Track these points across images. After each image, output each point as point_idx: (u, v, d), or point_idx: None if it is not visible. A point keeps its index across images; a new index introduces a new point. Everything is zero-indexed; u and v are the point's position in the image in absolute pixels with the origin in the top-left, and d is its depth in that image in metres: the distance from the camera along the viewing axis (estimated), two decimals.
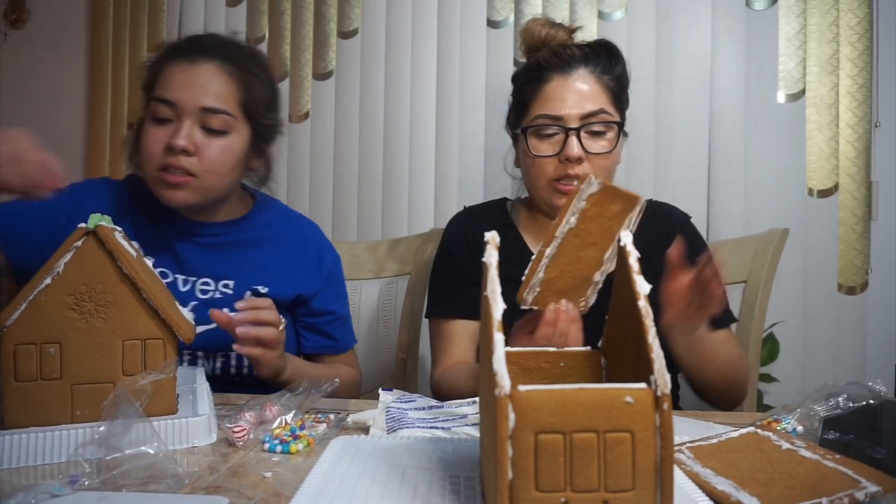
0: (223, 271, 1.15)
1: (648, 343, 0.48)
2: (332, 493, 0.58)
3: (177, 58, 1.09)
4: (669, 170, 1.68)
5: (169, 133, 1.05)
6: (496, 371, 0.46)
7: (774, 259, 1.32)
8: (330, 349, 1.25)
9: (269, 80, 1.17)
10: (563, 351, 0.68)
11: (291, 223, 1.26)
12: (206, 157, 1.06)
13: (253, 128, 1.13)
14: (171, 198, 1.07)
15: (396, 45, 1.85)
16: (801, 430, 0.78)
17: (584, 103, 1.11)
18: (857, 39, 1.61)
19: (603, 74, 1.14)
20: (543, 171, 1.13)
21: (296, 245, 1.23)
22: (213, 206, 1.16)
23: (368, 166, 1.87)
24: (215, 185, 1.09)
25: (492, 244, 0.57)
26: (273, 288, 1.17)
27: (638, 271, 0.54)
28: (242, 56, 1.12)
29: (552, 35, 1.17)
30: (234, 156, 1.10)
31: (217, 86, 1.07)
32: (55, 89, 2.16)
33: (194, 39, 1.14)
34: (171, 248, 1.15)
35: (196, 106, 1.05)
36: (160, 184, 1.07)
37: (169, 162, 1.05)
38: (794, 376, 1.63)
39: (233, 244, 1.18)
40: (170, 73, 1.07)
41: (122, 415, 0.66)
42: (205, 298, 1.13)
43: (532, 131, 1.14)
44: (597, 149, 1.12)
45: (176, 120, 1.06)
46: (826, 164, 1.63)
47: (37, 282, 0.74)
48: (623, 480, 0.46)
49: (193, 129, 1.05)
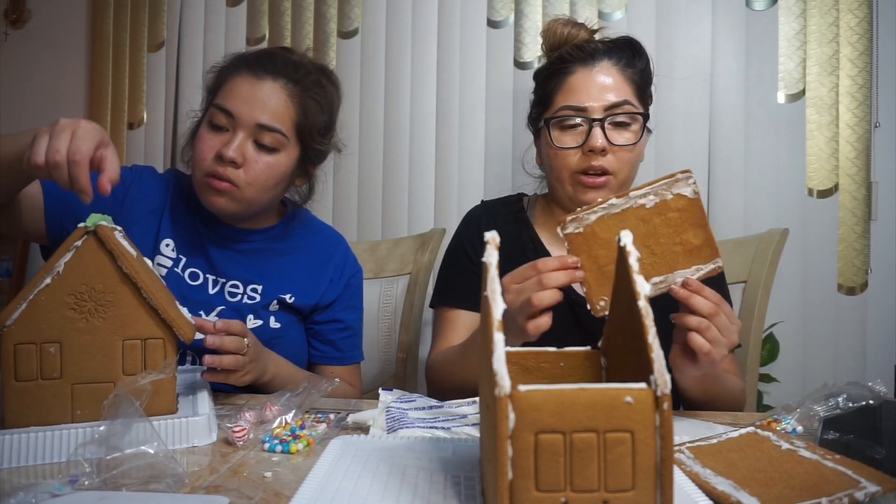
0: (252, 276, 1.17)
1: (648, 343, 0.48)
2: (331, 492, 0.58)
3: (244, 70, 1.10)
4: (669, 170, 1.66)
5: (222, 141, 1.07)
6: (496, 371, 0.46)
7: (774, 259, 1.32)
8: (333, 360, 1.25)
9: (329, 106, 1.18)
10: (563, 351, 0.68)
11: (319, 234, 1.29)
12: (252, 171, 1.08)
13: (303, 149, 1.15)
14: (212, 202, 1.09)
15: (396, 45, 1.85)
16: (801, 430, 0.78)
17: (609, 94, 1.10)
18: (857, 40, 1.61)
19: (626, 68, 1.13)
20: (567, 163, 1.12)
21: (321, 256, 1.25)
22: (250, 218, 1.18)
23: (368, 166, 1.87)
24: (256, 198, 1.11)
25: (491, 244, 0.57)
26: (298, 297, 1.19)
27: (638, 271, 0.54)
28: (309, 79, 1.14)
29: (573, 34, 1.17)
30: (279, 174, 1.11)
31: (276, 105, 1.09)
32: (55, 89, 2.16)
33: (265, 54, 1.15)
34: (205, 249, 1.16)
35: (252, 121, 1.07)
36: (205, 188, 1.09)
37: (216, 170, 1.07)
38: (793, 376, 1.63)
39: (264, 251, 1.20)
40: (235, 83, 1.10)
41: (122, 414, 0.66)
42: (232, 302, 1.15)
43: (555, 123, 1.13)
44: (621, 140, 1.10)
45: (231, 130, 1.08)
46: (826, 165, 1.63)
47: (37, 281, 0.74)
48: (623, 480, 0.46)
49: (246, 142, 1.08)
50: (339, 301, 1.24)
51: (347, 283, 1.26)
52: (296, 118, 1.11)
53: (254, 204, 1.12)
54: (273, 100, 1.08)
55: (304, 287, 1.20)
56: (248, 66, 1.11)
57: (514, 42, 1.77)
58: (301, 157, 1.15)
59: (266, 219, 1.22)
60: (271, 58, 1.13)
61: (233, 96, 1.08)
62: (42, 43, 2.18)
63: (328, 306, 1.23)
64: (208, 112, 1.11)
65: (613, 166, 1.10)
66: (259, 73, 1.10)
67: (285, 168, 1.12)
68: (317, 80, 1.16)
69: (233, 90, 1.09)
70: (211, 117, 1.10)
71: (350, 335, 1.27)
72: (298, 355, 1.21)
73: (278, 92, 1.09)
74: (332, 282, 1.24)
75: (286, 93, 1.10)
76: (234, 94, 1.08)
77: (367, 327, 1.54)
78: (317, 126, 1.14)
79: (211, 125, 1.09)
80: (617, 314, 0.63)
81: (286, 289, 1.18)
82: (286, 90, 1.10)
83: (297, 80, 1.11)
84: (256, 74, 1.09)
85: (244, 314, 1.14)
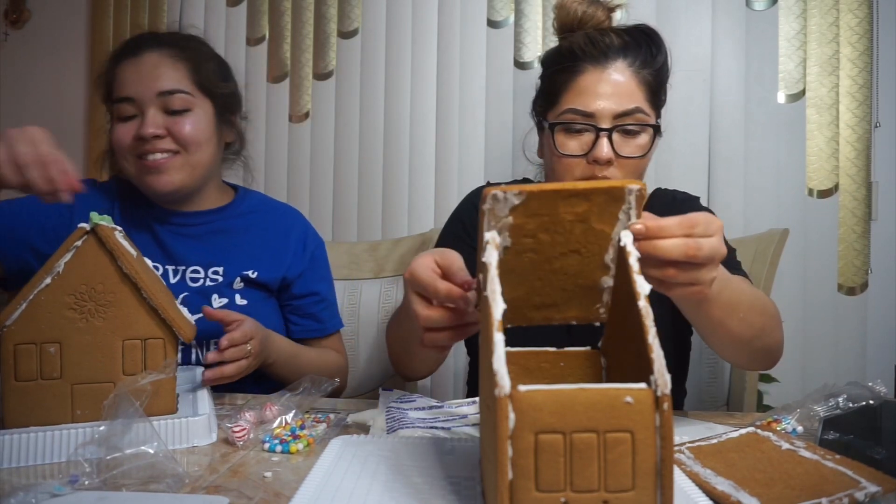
0: (212, 258, 1.17)
1: (648, 343, 0.48)
2: (331, 493, 0.58)
3: (122, 58, 1.13)
4: (669, 170, 1.68)
5: (136, 126, 1.09)
6: (496, 371, 0.46)
7: (774, 259, 1.32)
8: (316, 332, 1.26)
9: (213, 53, 1.21)
10: (563, 351, 0.68)
11: (274, 210, 1.29)
12: (180, 134, 1.10)
13: (213, 101, 1.16)
14: (157, 183, 1.10)
15: (396, 45, 1.85)
16: (801, 431, 0.78)
17: (619, 100, 1.02)
18: (857, 40, 1.61)
19: (642, 68, 1.05)
20: (570, 170, 1.05)
21: (280, 230, 1.25)
22: (199, 191, 1.18)
23: (368, 166, 1.87)
24: (198, 159, 1.12)
25: (492, 244, 0.57)
26: (261, 272, 1.19)
27: (638, 271, 0.54)
28: (180, 38, 1.17)
29: (589, 14, 1.08)
30: (203, 129, 1.13)
31: (164, 69, 1.11)
32: (55, 89, 2.16)
33: (133, 38, 1.19)
34: (158, 240, 1.17)
35: (153, 93, 1.09)
36: (143, 172, 1.10)
37: (144, 149, 1.08)
38: (794, 376, 1.62)
39: (219, 232, 1.20)
40: (120, 73, 1.12)
41: (122, 414, 0.66)
42: (195, 287, 1.16)
43: (560, 127, 1.05)
44: (628, 151, 1.03)
45: (139, 114, 1.09)
46: (826, 165, 1.63)
47: (37, 281, 0.74)
48: (623, 481, 0.46)
49: (158, 114, 1.09)
50: (308, 274, 1.26)
51: (312, 256, 1.28)
52: (189, 74, 1.13)
53: (198, 167, 1.13)
54: (161, 66, 1.11)
55: (267, 262, 1.21)
56: (123, 54, 1.14)
57: (514, 42, 1.77)
58: (216, 109, 1.17)
59: (214, 199, 1.23)
60: (139, 38, 1.17)
61: (125, 83, 1.11)
62: (42, 43, 2.18)
63: (298, 279, 1.24)
64: (113, 111, 1.13)
65: (618, 177, 1.04)
66: (136, 52, 1.12)
67: (207, 123, 1.14)
68: (187, 36, 1.19)
69: (121, 79, 1.11)
70: (117, 114, 1.11)
71: (327, 306, 1.28)
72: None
73: (162, 58, 1.12)
74: (296, 254, 1.25)
75: (169, 56, 1.12)
76: (124, 81, 1.11)
77: (367, 327, 1.54)
78: (213, 73, 1.16)
79: (120, 120, 1.11)
80: (617, 314, 0.63)
81: (247, 265, 1.19)
82: (168, 54, 1.13)
83: (172, 43, 1.15)
84: (134, 54, 1.12)
85: (209, 296, 1.15)
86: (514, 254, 0.62)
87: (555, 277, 0.64)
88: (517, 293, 0.65)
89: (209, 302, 1.15)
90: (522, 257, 0.63)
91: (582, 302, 0.68)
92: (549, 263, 0.63)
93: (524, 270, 0.64)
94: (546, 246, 0.62)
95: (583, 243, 0.62)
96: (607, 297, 0.66)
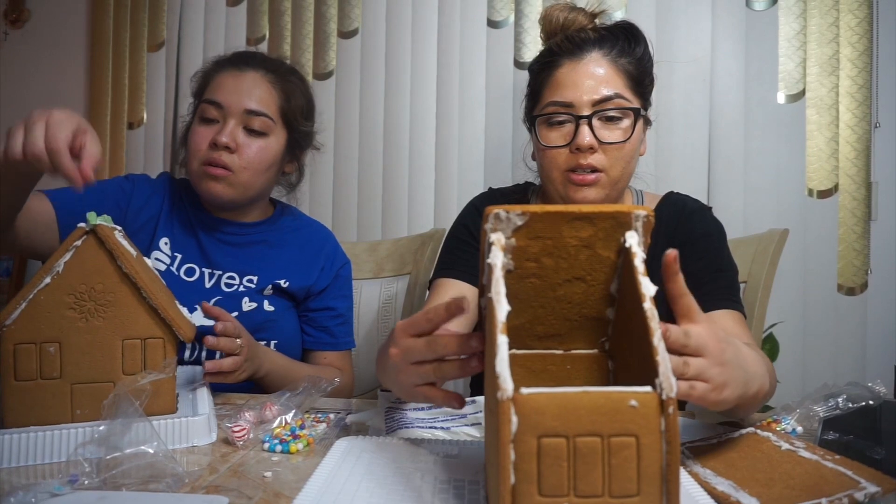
0: (248, 267, 1.23)
1: (654, 346, 0.48)
2: (334, 495, 0.58)
3: (227, 66, 1.21)
4: (669, 170, 1.68)
5: (214, 131, 1.15)
6: (499, 374, 0.46)
7: (774, 259, 1.32)
8: (328, 345, 1.30)
9: (307, 91, 1.28)
10: (569, 353, 0.67)
11: (308, 226, 1.36)
12: (245, 155, 1.16)
13: (289, 133, 1.23)
14: (210, 189, 1.16)
15: (396, 45, 1.84)
16: (801, 431, 0.78)
17: (597, 87, 1.04)
18: (857, 40, 1.61)
19: (619, 57, 1.07)
20: (556, 162, 1.07)
21: (313, 246, 1.31)
22: (245, 206, 1.25)
23: (368, 166, 1.87)
24: (251, 182, 1.18)
25: (497, 246, 0.56)
26: (292, 281, 1.25)
27: (643, 273, 0.53)
28: (284, 69, 1.25)
29: (571, 20, 1.11)
30: (270, 156, 1.19)
31: (260, 92, 1.18)
32: (55, 89, 2.16)
33: (242, 53, 1.27)
34: (199, 243, 1.22)
35: (240, 108, 1.16)
36: (202, 177, 1.16)
37: (212, 157, 1.14)
38: (793, 376, 1.63)
39: (257, 244, 1.26)
40: (220, 79, 1.19)
41: (122, 414, 0.66)
42: (229, 292, 1.20)
43: (542, 120, 1.07)
44: (611, 137, 1.04)
45: (222, 121, 1.16)
46: (826, 165, 1.63)
47: (36, 281, 0.74)
48: (628, 485, 0.45)
49: (237, 129, 1.16)
50: (330, 290, 1.30)
51: (337, 274, 1.32)
52: (279, 103, 1.20)
53: (248, 188, 1.19)
54: (257, 88, 1.18)
55: (298, 273, 1.26)
56: (230, 62, 1.22)
57: (514, 42, 1.77)
58: (288, 141, 1.23)
59: (258, 213, 1.29)
60: (249, 54, 1.25)
61: (220, 89, 1.18)
62: (42, 43, 2.18)
63: (320, 293, 1.29)
64: (198, 109, 1.20)
65: (603, 163, 1.05)
66: (241, 67, 1.20)
67: (275, 151, 1.20)
68: (291, 69, 1.27)
69: (219, 85, 1.18)
70: (202, 113, 1.18)
71: (342, 322, 1.32)
72: (292, 339, 1.26)
73: (260, 81, 1.19)
74: (324, 270, 1.30)
75: (267, 80, 1.20)
76: (220, 88, 1.18)
77: (367, 327, 1.54)
78: (299, 109, 1.24)
79: (202, 120, 1.18)
80: (623, 316, 0.62)
81: (280, 275, 1.24)
82: (267, 78, 1.20)
83: (275, 70, 1.22)
84: (238, 68, 1.20)
85: (239, 300, 1.19)
86: (516, 278, 0.61)
87: (559, 306, 0.63)
88: (520, 320, 0.64)
89: (240, 306, 1.19)
90: (525, 283, 0.61)
91: (587, 335, 0.67)
92: (553, 290, 0.62)
93: (527, 296, 0.62)
94: (550, 271, 0.60)
95: (588, 270, 0.60)
96: (612, 331, 0.64)
